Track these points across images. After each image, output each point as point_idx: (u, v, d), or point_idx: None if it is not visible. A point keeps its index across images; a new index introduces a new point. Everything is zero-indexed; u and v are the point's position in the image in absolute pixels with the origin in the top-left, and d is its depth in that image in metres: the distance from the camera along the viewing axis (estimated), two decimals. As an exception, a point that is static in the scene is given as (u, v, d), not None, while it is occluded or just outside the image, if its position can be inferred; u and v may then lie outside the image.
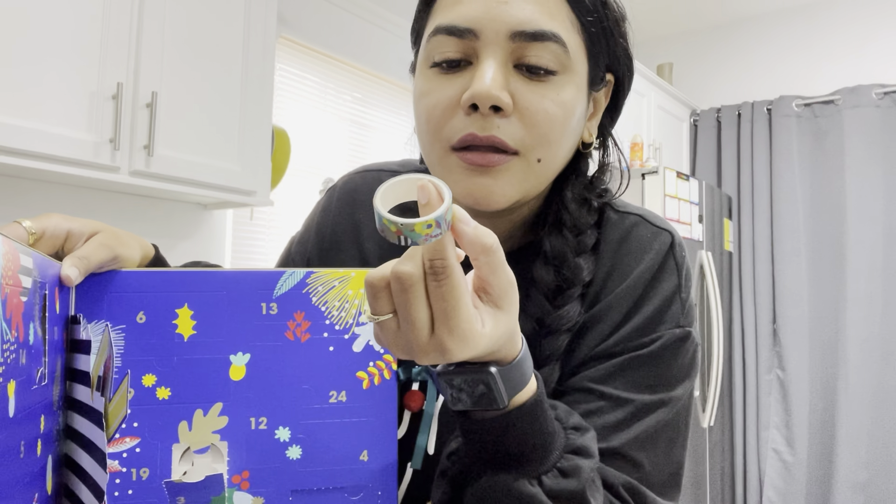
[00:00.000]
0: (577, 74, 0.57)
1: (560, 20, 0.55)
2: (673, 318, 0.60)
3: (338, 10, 2.59)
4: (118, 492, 0.49)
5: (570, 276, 0.60)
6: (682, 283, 0.62)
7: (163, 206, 2.10)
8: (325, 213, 0.76)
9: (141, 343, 0.50)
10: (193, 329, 0.51)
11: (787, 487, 3.25)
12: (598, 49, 0.58)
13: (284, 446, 0.53)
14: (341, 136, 2.69)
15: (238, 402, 0.52)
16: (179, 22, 1.77)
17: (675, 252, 0.63)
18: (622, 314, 0.60)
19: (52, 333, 0.46)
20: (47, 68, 1.51)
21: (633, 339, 0.59)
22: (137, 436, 0.50)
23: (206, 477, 0.51)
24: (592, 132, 0.63)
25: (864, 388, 3.09)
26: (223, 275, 0.53)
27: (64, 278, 0.47)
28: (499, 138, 0.55)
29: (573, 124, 0.58)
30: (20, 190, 1.78)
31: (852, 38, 3.33)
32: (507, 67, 0.55)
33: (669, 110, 3.50)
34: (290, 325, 0.54)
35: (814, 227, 3.32)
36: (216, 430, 0.51)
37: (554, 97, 0.55)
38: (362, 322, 0.56)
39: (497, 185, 0.56)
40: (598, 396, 0.58)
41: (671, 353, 0.59)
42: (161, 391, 0.50)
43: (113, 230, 0.55)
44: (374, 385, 0.56)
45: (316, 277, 0.55)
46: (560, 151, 0.58)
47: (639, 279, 0.61)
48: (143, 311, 0.51)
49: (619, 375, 0.58)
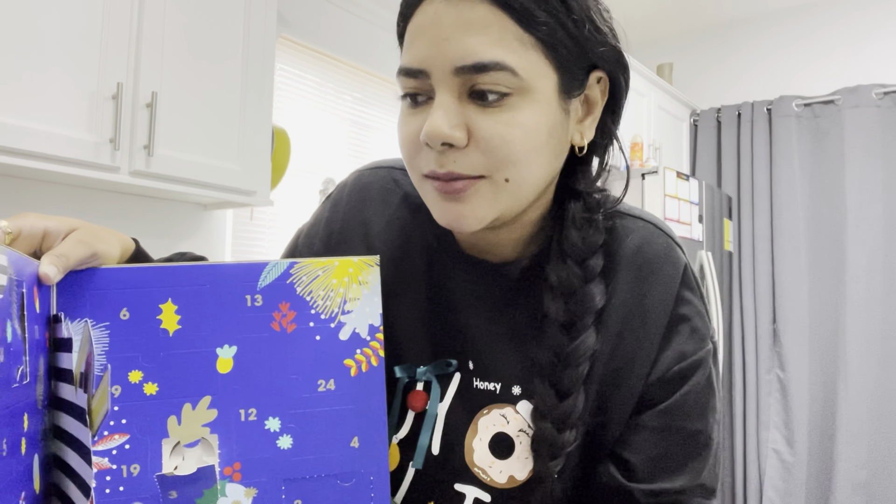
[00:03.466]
0: (536, 91, 0.55)
1: (506, 44, 0.54)
2: (703, 336, 0.64)
3: (338, 10, 2.59)
4: (109, 489, 0.49)
5: (582, 308, 0.61)
6: (702, 296, 0.65)
7: (163, 206, 2.11)
8: (335, 208, 0.76)
9: (126, 340, 0.50)
10: (178, 324, 0.51)
11: (787, 487, 3.25)
12: (565, 56, 0.56)
13: (275, 436, 0.53)
14: (341, 136, 2.69)
15: (226, 394, 0.52)
16: (179, 22, 1.78)
17: (688, 267, 0.65)
18: (659, 339, 0.62)
19: (33, 332, 0.45)
20: (47, 68, 1.52)
21: (680, 361, 0.62)
22: (126, 432, 0.50)
23: (197, 469, 0.51)
24: (586, 134, 0.61)
25: (864, 388, 3.09)
26: (206, 268, 0.53)
27: (42, 276, 0.47)
28: (456, 172, 0.56)
29: (541, 140, 0.57)
30: (20, 190, 1.78)
31: (852, 38, 3.33)
32: (462, 99, 0.55)
33: (669, 110, 3.50)
34: (275, 315, 0.54)
35: (814, 227, 3.31)
36: (206, 424, 0.51)
37: (509, 120, 0.55)
38: (348, 310, 0.56)
39: (467, 208, 0.58)
40: (672, 433, 0.62)
41: (709, 370, 0.64)
42: (148, 387, 0.50)
43: (90, 226, 0.55)
44: (361, 372, 0.56)
45: (300, 268, 0.55)
46: (532, 167, 0.58)
47: (666, 299, 0.63)
48: (126, 307, 0.51)
49: (685, 407, 0.62)
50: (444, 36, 0.54)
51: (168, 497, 0.50)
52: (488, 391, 0.64)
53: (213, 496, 0.51)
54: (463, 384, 0.65)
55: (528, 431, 0.63)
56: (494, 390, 0.64)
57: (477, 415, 0.64)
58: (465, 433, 0.64)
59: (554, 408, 0.60)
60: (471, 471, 0.63)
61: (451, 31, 0.54)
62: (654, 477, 0.61)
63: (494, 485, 0.63)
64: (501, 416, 0.63)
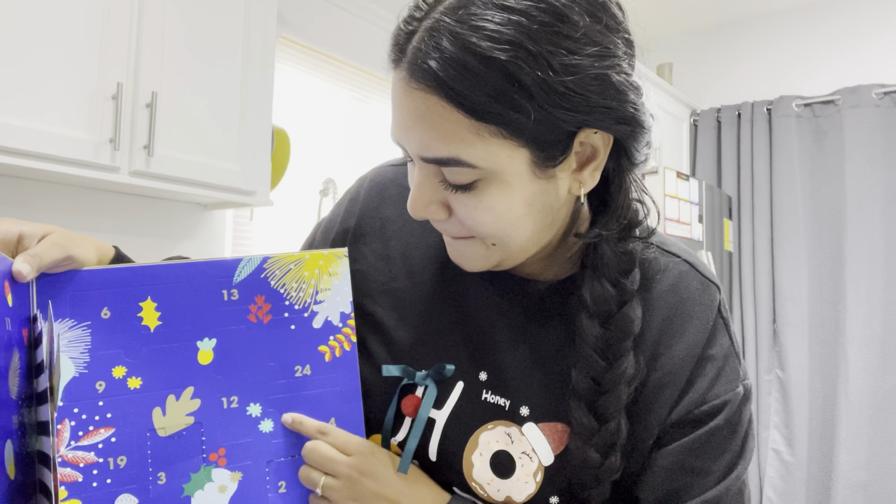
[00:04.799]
0: (504, 174, 0.53)
1: (460, 138, 0.51)
2: (731, 378, 0.62)
3: (338, 10, 2.60)
4: (96, 482, 0.50)
5: (619, 331, 0.59)
6: (733, 340, 0.64)
7: (163, 206, 2.12)
8: (353, 202, 0.76)
9: (108, 337, 0.52)
10: (159, 320, 0.53)
11: (787, 487, 3.25)
12: (534, 133, 0.52)
13: (256, 421, 0.56)
14: (341, 136, 2.70)
15: (208, 384, 0.54)
16: (179, 22, 1.79)
17: (722, 308, 0.64)
18: (683, 381, 0.61)
19: (5, 325, 0.47)
20: (47, 68, 1.52)
21: (701, 404, 0.61)
22: (112, 426, 0.51)
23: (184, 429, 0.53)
24: (586, 182, 0.57)
25: (864, 388, 3.09)
26: (183, 266, 0.55)
27: (15, 273, 0.48)
28: (447, 232, 0.60)
29: (516, 214, 0.55)
30: (20, 190, 1.79)
31: (852, 38, 3.33)
32: (439, 176, 0.56)
33: (669, 110, 3.50)
34: (251, 308, 0.56)
35: (814, 227, 3.31)
36: (190, 413, 0.53)
37: (477, 204, 0.55)
38: (320, 300, 0.59)
39: (467, 254, 0.60)
40: (684, 472, 0.60)
41: (739, 414, 0.62)
42: (132, 381, 0.52)
43: (66, 232, 0.56)
44: (335, 357, 0.60)
45: (272, 262, 0.58)
46: (515, 237, 0.57)
47: (696, 339, 0.62)
48: (106, 306, 0.52)
49: (699, 447, 0.61)
50: (407, 124, 0.54)
51: (157, 480, 0.51)
52: (497, 406, 0.63)
53: (200, 481, 0.53)
54: (469, 394, 0.64)
55: (531, 455, 0.62)
56: (504, 406, 0.63)
57: (480, 428, 0.63)
58: (465, 445, 0.63)
59: (595, 432, 0.58)
60: (468, 484, 0.63)
61: (412, 121, 0.54)
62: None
63: (491, 501, 0.62)
64: (506, 435, 0.63)
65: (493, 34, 0.49)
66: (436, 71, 0.50)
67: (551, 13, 0.50)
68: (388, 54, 0.56)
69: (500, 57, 0.49)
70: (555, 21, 0.50)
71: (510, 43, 0.49)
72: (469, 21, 0.50)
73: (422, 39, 0.52)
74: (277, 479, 0.56)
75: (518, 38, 0.49)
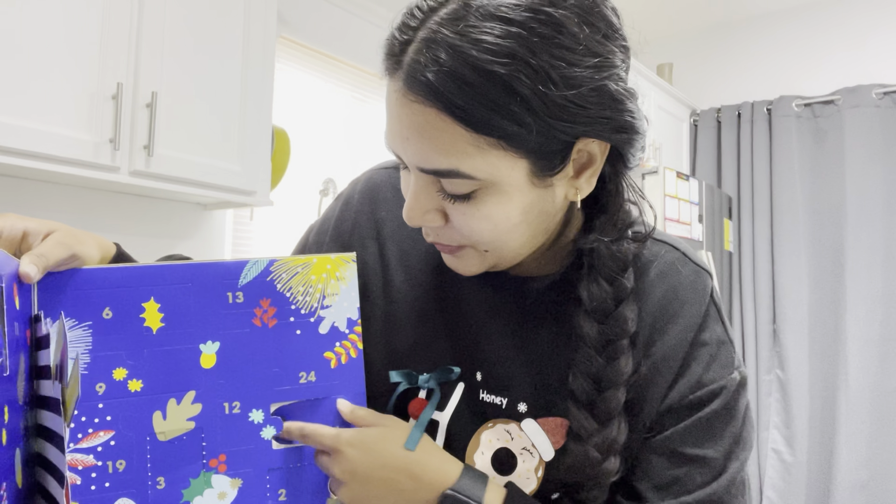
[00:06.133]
0: (502, 184, 0.53)
1: (459, 150, 0.51)
2: (726, 364, 0.62)
3: (338, 10, 2.60)
4: (94, 486, 0.49)
5: (617, 329, 0.59)
6: (727, 326, 0.64)
7: (163, 206, 2.12)
8: (347, 206, 0.75)
9: (109, 338, 0.51)
10: (161, 321, 0.52)
11: (787, 487, 3.25)
12: (533, 143, 0.52)
13: (259, 428, 0.54)
14: (341, 136, 2.69)
15: (210, 388, 0.53)
16: (179, 22, 1.79)
17: (714, 295, 0.64)
18: (677, 366, 0.61)
19: (13, 329, 0.46)
20: (47, 68, 1.52)
21: (696, 390, 0.60)
22: (111, 429, 0.50)
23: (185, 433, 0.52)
24: (583, 189, 0.58)
25: (864, 389, 3.09)
26: (188, 267, 0.54)
27: (23, 275, 0.48)
28: (439, 242, 0.60)
29: (513, 223, 0.56)
30: (20, 190, 1.79)
31: (852, 38, 3.33)
32: (436, 186, 0.56)
33: (669, 110, 3.50)
34: (256, 311, 0.55)
35: (814, 227, 3.31)
36: (191, 418, 0.53)
37: (474, 213, 0.55)
38: (327, 305, 0.58)
39: (461, 262, 0.61)
40: (683, 460, 0.60)
41: (736, 400, 0.61)
42: (133, 383, 0.51)
43: (70, 229, 0.55)
44: (341, 364, 0.58)
45: (279, 265, 0.57)
46: (510, 243, 0.58)
47: (689, 323, 0.61)
48: (108, 307, 0.51)
49: (696, 433, 0.60)
50: (404, 135, 0.54)
51: (157, 484, 0.51)
52: (494, 405, 0.64)
53: (199, 487, 0.52)
54: (468, 395, 0.65)
55: (531, 451, 0.62)
56: (500, 404, 0.63)
57: (480, 427, 0.64)
58: (468, 444, 0.63)
59: (594, 433, 0.58)
60: None
61: (409, 132, 0.53)
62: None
63: None
64: (506, 432, 0.63)
65: (492, 47, 0.48)
66: (434, 84, 0.49)
67: (550, 25, 0.49)
68: (383, 62, 0.55)
69: (499, 71, 0.48)
70: (554, 33, 0.49)
71: (510, 56, 0.48)
72: (468, 33, 0.49)
73: (419, 51, 0.51)
74: (278, 488, 0.55)
75: (518, 51, 0.48)
